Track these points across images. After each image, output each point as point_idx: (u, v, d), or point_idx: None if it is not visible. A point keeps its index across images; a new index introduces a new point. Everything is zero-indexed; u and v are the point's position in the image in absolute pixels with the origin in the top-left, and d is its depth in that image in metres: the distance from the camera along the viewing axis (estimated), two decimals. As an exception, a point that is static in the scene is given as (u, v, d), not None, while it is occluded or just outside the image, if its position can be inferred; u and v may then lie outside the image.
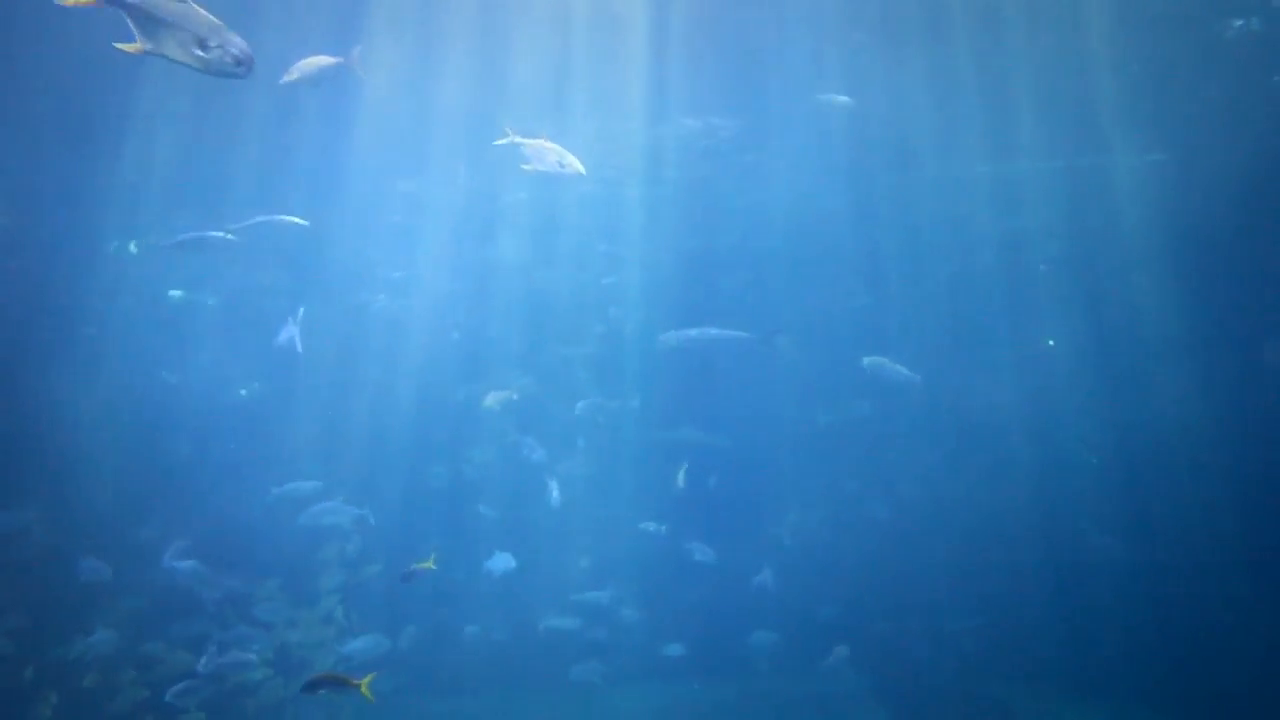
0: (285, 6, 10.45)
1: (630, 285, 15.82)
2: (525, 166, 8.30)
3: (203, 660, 10.79)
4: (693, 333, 12.98)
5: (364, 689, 8.15)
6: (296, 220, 11.28)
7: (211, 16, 4.69)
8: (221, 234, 11.19)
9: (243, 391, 15.26)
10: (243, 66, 4.76)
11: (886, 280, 16.28)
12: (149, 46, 4.70)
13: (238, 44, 4.72)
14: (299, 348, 11.52)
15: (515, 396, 14.36)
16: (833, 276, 16.25)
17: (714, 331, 12.88)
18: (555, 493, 13.59)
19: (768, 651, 13.91)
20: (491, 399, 14.24)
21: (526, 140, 8.24)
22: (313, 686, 8.29)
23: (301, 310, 11.73)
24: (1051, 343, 15.69)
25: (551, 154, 8.16)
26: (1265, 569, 12.56)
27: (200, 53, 4.68)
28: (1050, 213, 15.08)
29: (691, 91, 13.09)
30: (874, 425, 15.80)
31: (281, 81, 8.34)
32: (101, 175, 13.52)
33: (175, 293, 15.10)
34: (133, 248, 14.78)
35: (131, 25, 4.70)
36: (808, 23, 11.75)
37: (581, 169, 8.14)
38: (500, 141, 8.28)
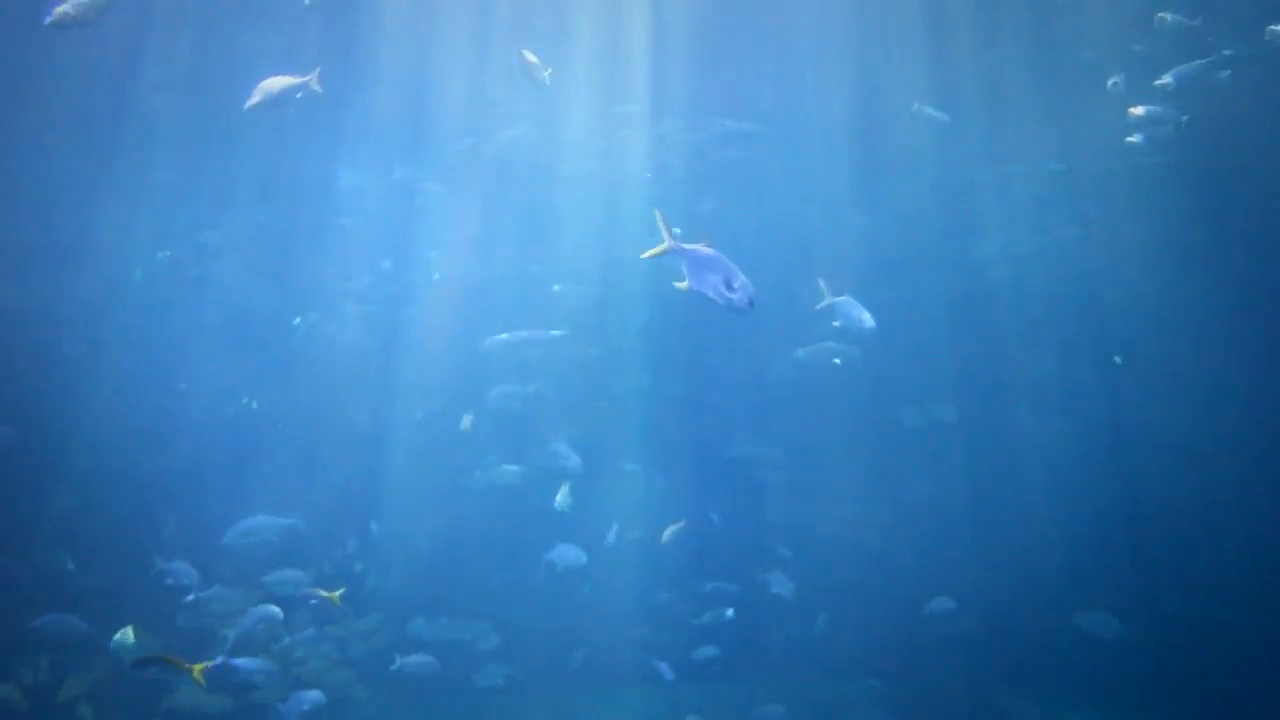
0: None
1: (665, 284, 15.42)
2: (835, 323, 9.71)
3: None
4: (504, 336, 13.24)
5: (196, 674, 8.05)
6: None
7: (734, 265, 5.68)
8: None
9: (250, 401, 15.25)
10: (753, 306, 5.71)
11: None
12: (696, 286, 5.77)
13: (750, 288, 5.68)
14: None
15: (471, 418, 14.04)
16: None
17: (526, 333, 13.21)
18: (565, 495, 13.44)
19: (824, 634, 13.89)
20: (466, 421, 14.07)
21: (835, 299, 9.55)
22: (144, 664, 8.13)
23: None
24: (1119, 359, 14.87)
25: (856, 310, 9.44)
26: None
27: (727, 293, 5.68)
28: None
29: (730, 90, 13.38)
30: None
31: (246, 107, 8.42)
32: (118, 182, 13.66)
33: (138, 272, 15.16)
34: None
35: (685, 268, 5.78)
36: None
37: (873, 323, 9.35)
38: (820, 306, 9.55)
